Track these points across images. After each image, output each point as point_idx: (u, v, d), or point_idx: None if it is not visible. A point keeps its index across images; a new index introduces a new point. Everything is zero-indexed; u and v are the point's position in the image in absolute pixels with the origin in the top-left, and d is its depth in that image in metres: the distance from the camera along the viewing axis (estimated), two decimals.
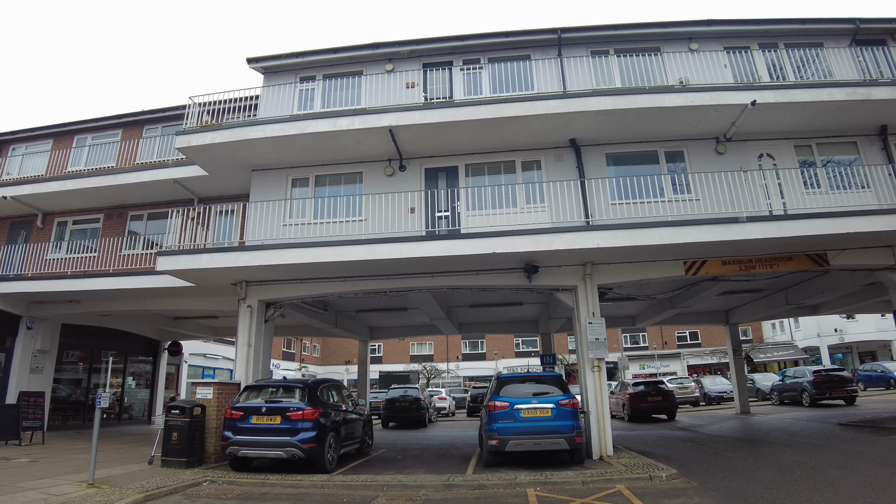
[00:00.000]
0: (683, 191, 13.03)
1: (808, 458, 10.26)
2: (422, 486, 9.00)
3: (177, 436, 10.80)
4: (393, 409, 22.75)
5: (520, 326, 25.35)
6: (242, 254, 12.16)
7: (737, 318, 23.55)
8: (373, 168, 13.81)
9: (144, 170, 15.91)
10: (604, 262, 12.48)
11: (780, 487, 7.85)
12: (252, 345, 12.92)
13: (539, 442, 10.39)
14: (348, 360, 52.86)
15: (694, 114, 12.50)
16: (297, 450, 9.96)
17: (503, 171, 13.67)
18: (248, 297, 13.20)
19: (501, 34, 14.50)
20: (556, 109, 12.24)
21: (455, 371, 54.17)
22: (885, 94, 12.38)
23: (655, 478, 8.91)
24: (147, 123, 18.24)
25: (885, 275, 13.11)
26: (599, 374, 12.08)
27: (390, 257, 11.53)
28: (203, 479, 9.65)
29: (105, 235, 16.59)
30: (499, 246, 11.30)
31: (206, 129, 13.37)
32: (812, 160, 13.65)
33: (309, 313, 16.36)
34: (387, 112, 12.53)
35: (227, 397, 11.82)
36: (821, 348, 44.73)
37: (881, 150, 13.56)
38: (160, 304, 15.96)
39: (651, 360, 51.40)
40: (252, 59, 15.10)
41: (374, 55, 14.80)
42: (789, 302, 18.59)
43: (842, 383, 22.74)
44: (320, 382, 11.87)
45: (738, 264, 12.69)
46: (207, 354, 30.43)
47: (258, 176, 14.15)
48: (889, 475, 8.28)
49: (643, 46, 14.50)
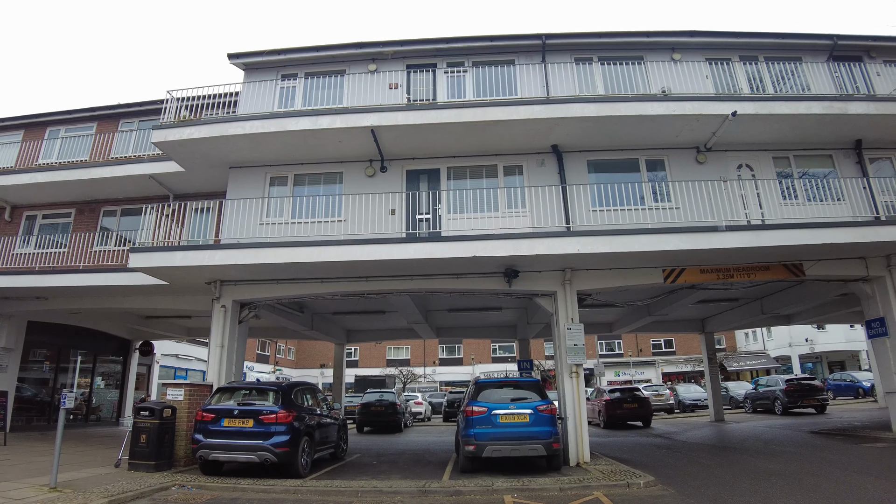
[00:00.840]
0: (664, 199, 13.14)
1: (783, 465, 10.35)
2: (398, 491, 8.87)
3: (145, 438, 10.51)
4: (368, 413, 22.54)
5: (498, 332, 25.34)
6: (217, 252, 11.92)
7: (712, 327, 23.83)
8: (353, 168, 13.66)
9: (119, 164, 15.57)
10: (584, 268, 12.48)
11: (756, 494, 7.88)
12: (225, 346, 12.65)
13: (517, 448, 10.31)
14: (323, 363, 52.25)
15: (675, 123, 12.61)
16: (270, 454, 9.75)
17: (485, 175, 13.63)
18: (222, 297, 12.93)
19: (486, 38, 14.49)
20: (539, 115, 12.25)
21: (432, 376, 54.02)
22: (861, 109, 12.65)
23: (633, 485, 8.89)
24: (123, 117, 17.85)
25: (858, 286, 13.37)
26: (577, 380, 12.06)
27: (369, 259, 11.39)
28: (172, 483, 9.39)
29: (76, 231, 16.16)
30: (480, 250, 11.23)
31: (183, 123, 13.11)
32: (790, 171, 13.86)
33: (284, 315, 16.10)
34: (369, 112, 12.41)
35: (199, 399, 11.56)
36: (792, 358, 45.68)
37: (856, 163, 13.84)
38: (132, 302, 15.57)
39: (626, 368, 51.85)
40: (233, 55, 14.87)
41: (357, 55, 14.66)
42: (764, 311, 18.85)
43: (813, 392, 23.22)
44: (295, 385, 11.68)
45: (716, 273, 12.80)
46: (180, 355, 29.85)
47: (236, 173, 13.90)
48: (862, 482, 8.38)
49: (626, 55, 14.60)
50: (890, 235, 11.79)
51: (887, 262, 12.90)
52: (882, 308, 13.04)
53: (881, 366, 13.50)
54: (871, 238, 11.74)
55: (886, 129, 13.37)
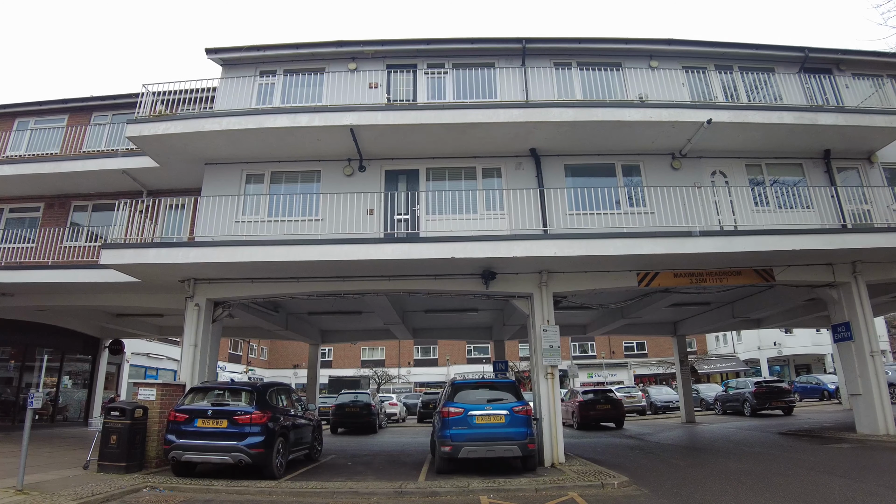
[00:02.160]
0: (639, 204, 13.34)
1: (753, 465, 10.55)
2: (373, 493, 8.82)
3: (115, 439, 10.27)
4: (343, 414, 22.41)
5: (474, 333, 25.42)
6: (192, 250, 11.74)
7: (684, 330, 24.26)
8: (332, 167, 13.58)
9: (91, 158, 15.19)
10: (560, 270, 12.60)
11: (727, 494, 8.02)
12: (198, 345, 12.46)
13: (492, 449, 10.36)
14: (297, 363, 51.71)
15: (652, 129, 12.80)
16: (245, 455, 9.64)
17: (464, 177, 13.68)
18: (195, 296, 12.73)
19: (467, 40, 14.54)
20: (518, 118, 12.34)
21: (407, 377, 53.87)
22: (830, 120, 13.03)
23: (608, 485, 8.96)
24: (96, 110, 17.44)
25: (825, 291, 13.74)
26: (552, 382, 12.16)
27: (347, 259, 11.33)
28: (143, 484, 9.20)
29: (45, 225, 15.72)
30: (458, 251, 11.26)
31: (159, 118, 12.90)
32: (762, 179, 14.19)
33: (259, 314, 15.93)
34: (349, 111, 12.36)
35: (172, 399, 11.36)
36: (761, 361, 46.84)
37: (824, 172, 14.22)
38: (102, 299, 15.20)
39: (599, 369, 52.43)
40: (211, 50, 14.65)
41: (337, 53, 14.59)
42: (735, 315, 19.26)
43: (781, 394, 23.81)
44: (269, 386, 11.56)
45: (689, 277, 13.04)
46: (151, 354, 29.27)
47: (211, 170, 13.71)
48: (829, 481, 8.58)
49: (605, 61, 14.78)
50: (856, 243, 12.19)
51: (853, 268, 13.30)
52: (847, 313, 13.46)
53: (846, 369, 13.91)
54: (838, 245, 12.12)
55: (853, 140, 13.79)
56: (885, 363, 18.92)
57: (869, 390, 13.07)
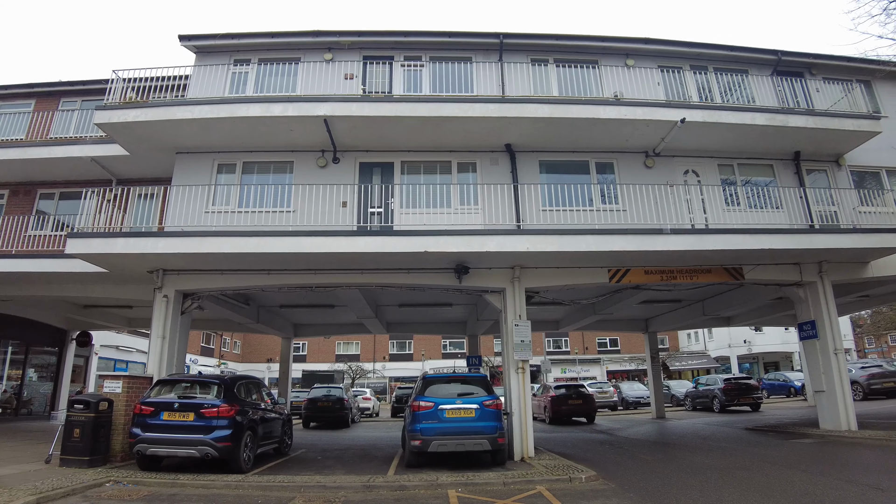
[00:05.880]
0: (612, 201, 13.42)
1: (719, 460, 10.74)
2: (341, 486, 8.77)
3: (79, 432, 10.06)
4: (315, 408, 22.31)
5: (448, 327, 25.46)
6: (161, 240, 11.53)
7: (656, 327, 24.59)
8: (305, 158, 13.41)
9: (58, 145, 14.79)
10: (532, 265, 12.64)
11: (692, 488, 8.14)
12: (167, 337, 12.24)
13: (462, 443, 10.37)
14: (270, 357, 51.00)
15: (626, 127, 12.89)
16: (212, 448, 9.53)
17: (439, 171, 13.62)
18: (164, 287, 12.50)
19: (444, 34, 14.45)
20: (494, 113, 12.33)
21: (381, 371, 53.67)
22: (800, 123, 13.26)
23: (575, 479, 9.03)
24: (65, 96, 16.98)
25: (793, 290, 14.01)
26: (523, 376, 12.21)
27: (319, 251, 11.23)
28: (106, 479, 9.01)
29: (9, 213, 15.26)
30: (431, 245, 11.22)
31: (129, 105, 12.62)
32: (733, 179, 14.39)
33: (229, 307, 15.71)
34: (323, 101, 12.21)
35: (138, 392, 11.16)
36: (731, 358, 47.86)
37: (794, 174, 14.48)
38: (69, 290, 14.86)
39: (572, 365, 52.93)
40: (185, 37, 14.36)
41: (313, 43, 14.39)
42: (706, 313, 19.55)
43: (749, 391, 24.30)
44: (238, 379, 11.44)
45: (660, 274, 13.18)
46: (120, 346, 28.68)
47: (182, 159, 13.45)
48: (790, 475, 8.77)
49: (582, 58, 14.82)
50: (823, 243, 12.46)
51: (819, 268, 13.59)
52: (813, 312, 13.75)
53: (811, 366, 14.21)
54: (806, 245, 12.37)
55: (823, 143, 14.05)
56: (848, 361, 19.40)
57: (832, 387, 13.39)
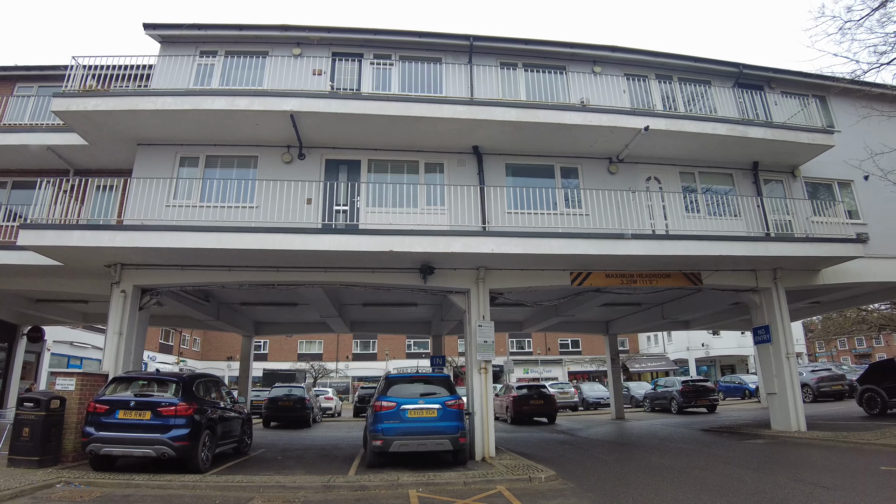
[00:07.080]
0: (575, 205, 13.64)
1: (675, 460, 11.01)
2: (301, 487, 8.71)
3: (28, 432, 9.76)
4: (275, 408, 22.08)
5: (413, 327, 25.46)
6: (119, 233, 11.23)
7: (616, 329, 25.06)
8: (270, 153, 13.23)
9: (12, 132, 14.24)
10: (497, 267, 12.75)
11: (649, 488, 8.34)
12: (124, 333, 11.92)
13: (424, 443, 10.40)
14: (231, 355, 49.93)
15: (591, 133, 13.10)
16: (168, 448, 9.33)
17: (406, 171, 13.61)
18: (122, 282, 12.17)
19: (414, 33, 14.44)
20: (462, 115, 12.39)
21: (344, 371, 53.20)
22: (759, 134, 13.72)
23: (535, 479, 9.15)
24: (20, 81, 16.35)
25: (748, 296, 14.46)
26: (486, 377, 12.30)
27: (282, 248, 11.09)
28: (57, 479, 8.76)
29: None
30: (396, 244, 11.22)
31: (89, 94, 12.22)
32: (694, 187, 14.76)
33: (189, 303, 15.39)
34: (290, 96, 12.07)
35: (93, 390, 10.86)
36: (689, 360, 49.14)
37: (752, 183, 14.94)
38: (20, 283, 14.30)
39: (535, 365, 53.48)
40: (149, 25, 14.01)
41: (281, 37, 14.21)
42: (665, 316, 20.01)
43: (706, 393, 25.03)
44: (196, 377, 11.21)
45: (620, 278, 13.44)
46: (75, 342, 27.72)
47: (144, 151, 13.13)
48: (743, 475, 9.06)
49: (550, 64, 14.99)
50: (778, 251, 12.93)
51: (774, 275, 14.06)
52: (767, 317, 14.22)
53: (764, 369, 14.70)
54: (762, 252, 12.80)
55: (780, 154, 14.56)
56: (800, 365, 20.06)
57: (784, 390, 13.88)
